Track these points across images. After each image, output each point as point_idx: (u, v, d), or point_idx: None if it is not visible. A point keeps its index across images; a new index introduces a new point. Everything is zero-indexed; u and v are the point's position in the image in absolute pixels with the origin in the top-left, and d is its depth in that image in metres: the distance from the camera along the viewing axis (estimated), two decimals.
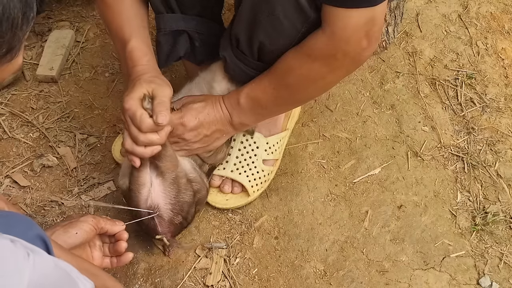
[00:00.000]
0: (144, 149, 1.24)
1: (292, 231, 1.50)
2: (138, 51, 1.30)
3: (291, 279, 1.43)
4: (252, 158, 1.51)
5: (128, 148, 1.26)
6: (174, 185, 1.33)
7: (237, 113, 1.35)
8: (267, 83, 1.30)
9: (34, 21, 0.74)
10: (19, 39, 0.71)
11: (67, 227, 1.19)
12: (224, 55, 1.33)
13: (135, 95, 1.22)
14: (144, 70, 1.28)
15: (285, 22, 1.17)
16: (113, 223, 1.27)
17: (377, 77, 1.81)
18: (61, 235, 1.17)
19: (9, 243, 0.74)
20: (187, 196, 1.36)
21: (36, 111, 1.67)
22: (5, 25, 0.67)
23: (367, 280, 1.43)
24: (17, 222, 0.88)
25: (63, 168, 1.57)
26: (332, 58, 1.19)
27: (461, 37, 1.92)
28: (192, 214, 1.41)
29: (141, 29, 1.33)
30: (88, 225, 1.21)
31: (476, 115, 1.74)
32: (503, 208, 1.56)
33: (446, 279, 1.45)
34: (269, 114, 1.43)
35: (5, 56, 0.72)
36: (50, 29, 1.85)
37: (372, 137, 1.68)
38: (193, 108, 1.34)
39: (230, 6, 1.89)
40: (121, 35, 1.32)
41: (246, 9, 1.19)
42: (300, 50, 1.22)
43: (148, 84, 1.24)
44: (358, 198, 1.56)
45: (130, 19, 1.33)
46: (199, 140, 1.36)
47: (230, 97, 1.36)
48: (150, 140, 1.23)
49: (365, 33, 1.14)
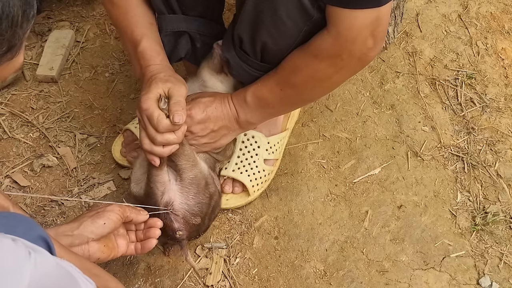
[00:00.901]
0: (162, 149, 1.26)
1: (292, 231, 1.50)
2: (151, 51, 1.31)
3: (291, 279, 1.43)
4: (253, 158, 1.51)
5: (146, 148, 1.27)
6: (193, 185, 1.33)
7: (243, 110, 1.36)
8: (274, 83, 1.30)
9: (34, 20, 0.74)
10: (19, 37, 0.71)
11: (95, 217, 1.19)
12: (227, 56, 1.33)
13: (152, 95, 1.24)
14: (159, 69, 1.30)
15: (288, 22, 1.17)
16: (138, 212, 1.28)
17: (377, 77, 1.81)
18: (89, 226, 1.18)
19: (10, 242, 0.74)
20: (205, 198, 1.35)
21: (36, 111, 1.67)
22: (5, 23, 0.68)
23: (367, 280, 1.43)
24: (19, 222, 0.88)
25: (63, 168, 1.57)
26: (338, 58, 1.19)
27: (461, 37, 1.92)
28: (210, 217, 1.40)
29: (151, 28, 1.34)
30: (115, 215, 1.21)
31: (476, 115, 1.74)
32: (503, 208, 1.56)
33: (446, 279, 1.45)
34: (276, 113, 1.44)
35: (6, 55, 0.72)
36: (50, 29, 1.85)
37: (372, 137, 1.68)
38: (202, 102, 1.35)
39: (230, 6, 1.89)
40: (130, 34, 1.33)
41: (249, 10, 1.19)
42: (306, 50, 1.23)
43: (164, 83, 1.25)
44: (358, 198, 1.56)
45: (139, 17, 1.33)
46: (206, 135, 1.36)
47: (238, 94, 1.37)
48: (168, 140, 1.25)
49: (370, 33, 1.14)
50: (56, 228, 1.16)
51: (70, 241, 1.14)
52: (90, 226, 1.17)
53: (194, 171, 1.33)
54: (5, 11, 0.67)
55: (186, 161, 1.32)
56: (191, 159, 1.33)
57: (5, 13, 0.67)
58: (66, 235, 1.15)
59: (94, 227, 1.18)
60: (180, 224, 1.33)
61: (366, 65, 1.28)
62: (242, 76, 1.36)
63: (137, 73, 1.35)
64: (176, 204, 1.31)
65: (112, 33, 1.86)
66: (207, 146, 1.39)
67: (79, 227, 1.16)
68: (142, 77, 1.32)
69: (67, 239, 1.14)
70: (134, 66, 1.36)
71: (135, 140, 1.53)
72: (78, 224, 1.17)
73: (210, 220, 1.41)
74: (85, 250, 1.16)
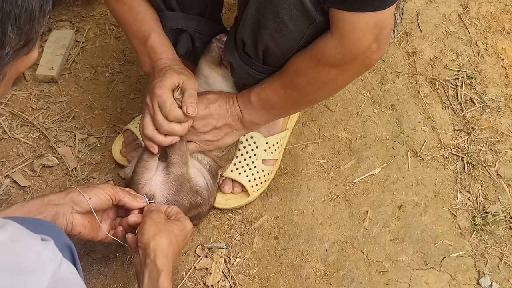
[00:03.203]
0: (164, 138, 1.28)
1: (292, 231, 1.50)
2: (161, 45, 1.34)
3: (291, 279, 1.43)
4: (252, 158, 1.51)
5: (148, 133, 1.28)
6: (177, 182, 1.34)
7: (248, 110, 1.36)
8: (278, 85, 1.31)
9: (49, 15, 0.76)
10: (36, 31, 0.74)
11: (83, 190, 1.18)
12: (230, 60, 1.34)
13: (167, 83, 1.26)
14: (172, 62, 1.33)
15: (291, 25, 1.16)
16: (133, 198, 1.25)
17: (377, 77, 1.81)
18: (75, 197, 1.16)
19: (38, 242, 0.75)
20: (186, 200, 1.36)
21: (36, 111, 1.67)
22: (24, 17, 0.70)
23: (367, 280, 1.43)
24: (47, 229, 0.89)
25: (63, 168, 1.57)
26: (342, 61, 1.19)
27: (461, 37, 1.92)
28: None
29: (157, 23, 1.36)
30: (103, 193, 1.20)
31: (476, 115, 1.74)
32: (503, 208, 1.56)
33: (446, 279, 1.45)
34: (281, 114, 1.44)
35: (23, 49, 0.74)
36: (50, 29, 1.85)
37: (372, 137, 1.68)
38: (206, 98, 1.36)
39: (230, 6, 1.89)
40: (137, 30, 1.34)
41: (251, 13, 1.19)
42: (309, 53, 1.22)
43: (179, 75, 1.28)
44: (358, 198, 1.56)
45: (144, 14, 1.35)
46: (209, 132, 1.37)
47: (243, 94, 1.37)
48: (173, 129, 1.27)
49: (374, 36, 1.14)
50: (43, 197, 1.15)
51: (56, 210, 1.14)
52: (76, 197, 1.17)
53: (182, 169, 1.34)
54: (25, 5, 0.69)
55: (179, 157, 1.33)
56: (183, 157, 1.34)
57: (24, 7, 0.69)
58: (53, 204, 1.14)
59: (79, 199, 1.17)
60: None
61: (370, 68, 1.28)
62: (245, 78, 1.36)
63: (146, 67, 1.37)
64: (156, 196, 1.32)
65: (112, 33, 1.86)
66: (210, 144, 1.39)
67: (65, 197, 1.16)
68: (152, 69, 1.34)
69: (53, 208, 1.14)
70: (143, 61, 1.37)
71: (135, 140, 1.53)
72: (65, 194, 1.17)
73: None
74: (68, 220, 1.15)
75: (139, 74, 1.76)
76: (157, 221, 1.18)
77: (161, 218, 1.20)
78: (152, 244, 1.12)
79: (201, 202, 1.39)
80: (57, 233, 0.91)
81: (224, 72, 1.42)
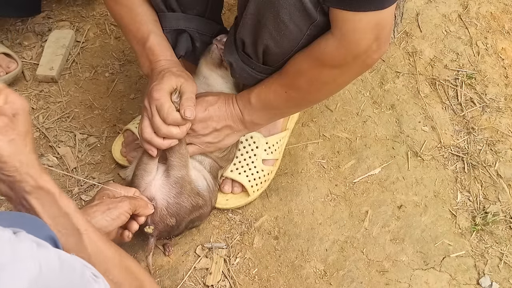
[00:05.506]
0: (162, 141, 1.28)
1: (292, 231, 1.50)
2: (160, 46, 1.34)
3: (291, 279, 1.43)
4: (251, 158, 1.51)
5: (146, 137, 1.28)
6: (177, 184, 1.33)
7: (248, 111, 1.36)
8: (278, 85, 1.31)
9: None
10: None
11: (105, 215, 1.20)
12: (229, 60, 1.34)
13: (165, 86, 1.26)
14: (170, 64, 1.32)
15: (291, 25, 1.16)
16: (146, 207, 1.29)
17: (377, 77, 1.81)
18: (99, 221, 1.18)
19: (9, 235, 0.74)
20: (187, 202, 1.36)
21: (36, 111, 1.67)
22: None
23: (367, 280, 1.43)
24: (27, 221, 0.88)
25: (63, 168, 1.57)
26: (343, 61, 1.19)
27: (461, 37, 1.92)
28: (186, 224, 1.39)
29: (156, 24, 1.36)
30: (125, 215, 1.22)
31: (476, 115, 1.74)
32: (503, 208, 1.56)
33: (446, 279, 1.45)
34: (282, 114, 1.44)
35: None
36: (50, 29, 1.85)
37: (372, 137, 1.68)
38: (205, 100, 1.36)
39: (230, 6, 1.89)
40: (136, 31, 1.34)
41: (251, 13, 1.19)
42: (310, 53, 1.22)
43: (177, 77, 1.28)
44: (358, 198, 1.56)
45: (143, 15, 1.35)
46: (209, 134, 1.37)
47: (242, 95, 1.37)
48: (171, 133, 1.27)
49: (375, 36, 1.14)
50: None
51: None
52: (100, 221, 1.18)
53: (182, 172, 1.34)
54: None
55: (178, 159, 1.33)
56: (183, 159, 1.34)
57: None
58: None
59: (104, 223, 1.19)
60: (155, 221, 1.33)
61: (370, 67, 1.28)
62: (245, 78, 1.36)
63: (145, 69, 1.37)
64: (157, 200, 1.32)
65: (112, 33, 1.86)
66: (211, 146, 1.39)
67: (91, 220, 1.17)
68: (151, 71, 1.34)
69: None
70: (142, 62, 1.37)
71: (136, 140, 1.53)
72: (90, 217, 1.18)
73: (186, 227, 1.41)
74: None
75: (139, 74, 1.76)
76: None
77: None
78: None
79: (203, 204, 1.39)
80: (39, 225, 0.90)
81: (224, 73, 1.42)
